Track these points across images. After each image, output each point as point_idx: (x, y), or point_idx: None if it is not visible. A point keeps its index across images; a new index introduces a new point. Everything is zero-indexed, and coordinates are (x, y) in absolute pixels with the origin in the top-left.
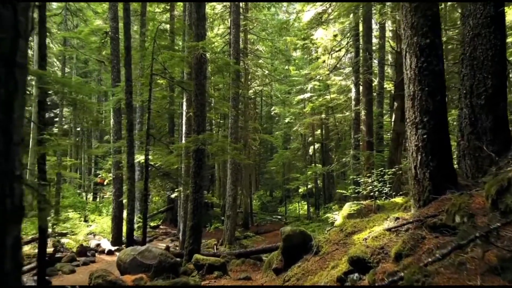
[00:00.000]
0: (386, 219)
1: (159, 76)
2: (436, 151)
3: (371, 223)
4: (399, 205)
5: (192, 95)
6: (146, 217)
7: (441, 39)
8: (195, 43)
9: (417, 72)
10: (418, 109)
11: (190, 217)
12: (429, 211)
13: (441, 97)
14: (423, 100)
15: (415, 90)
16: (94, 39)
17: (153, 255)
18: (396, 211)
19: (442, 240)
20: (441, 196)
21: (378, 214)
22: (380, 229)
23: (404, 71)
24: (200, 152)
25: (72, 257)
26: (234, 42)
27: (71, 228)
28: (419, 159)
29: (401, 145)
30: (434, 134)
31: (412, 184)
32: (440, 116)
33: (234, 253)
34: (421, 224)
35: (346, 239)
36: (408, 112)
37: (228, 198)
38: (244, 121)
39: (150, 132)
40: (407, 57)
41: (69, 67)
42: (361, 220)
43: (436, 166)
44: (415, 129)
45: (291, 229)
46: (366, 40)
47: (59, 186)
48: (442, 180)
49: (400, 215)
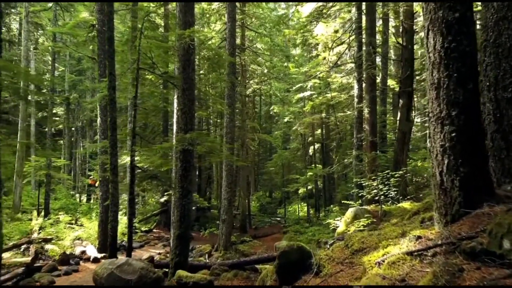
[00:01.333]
0: (402, 235)
1: (147, 71)
2: (467, 152)
3: (382, 238)
4: (408, 212)
5: (179, 90)
6: (131, 223)
7: (473, 11)
8: (181, 31)
9: (443, 54)
10: (445, 100)
11: (176, 225)
12: (462, 230)
13: (473, 86)
14: (451, 89)
15: (440, 77)
16: (82, 33)
17: (133, 269)
18: (410, 224)
19: (488, 273)
20: (475, 210)
21: (389, 226)
22: (398, 252)
23: (426, 54)
24: (188, 153)
25: (53, 266)
26: (230, 37)
27: (56, 233)
28: (446, 163)
29: (406, 145)
30: (465, 132)
31: (437, 194)
32: (472, 109)
33: (227, 264)
34: (453, 249)
35: (352, 258)
36: (432, 105)
37: (223, 201)
38: (242, 120)
39: (136, 131)
40: (430, 36)
41: (62, 65)
42: (369, 234)
43: (468, 172)
44: (441, 126)
45: (287, 244)
46: (369, 33)
47: (48, 188)
48: (476, 189)
49: (422, 233)
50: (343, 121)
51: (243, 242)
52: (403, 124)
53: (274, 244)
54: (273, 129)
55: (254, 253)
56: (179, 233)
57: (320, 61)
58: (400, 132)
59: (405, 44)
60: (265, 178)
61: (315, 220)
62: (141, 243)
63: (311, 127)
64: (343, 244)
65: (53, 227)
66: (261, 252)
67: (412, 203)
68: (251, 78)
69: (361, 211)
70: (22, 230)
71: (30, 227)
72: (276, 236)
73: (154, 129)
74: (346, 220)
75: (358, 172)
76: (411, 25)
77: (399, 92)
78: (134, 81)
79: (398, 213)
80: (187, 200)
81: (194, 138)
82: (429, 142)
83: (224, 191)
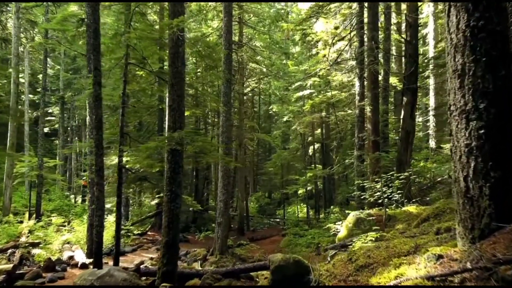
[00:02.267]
0: (415, 249)
1: (137, 67)
2: (499, 153)
3: (391, 252)
4: (414, 217)
5: (167, 85)
6: (119, 228)
7: None
8: (169, 21)
9: (468, 35)
10: (471, 90)
11: (164, 231)
12: (497, 251)
13: (505, 72)
14: (478, 76)
15: (465, 63)
16: (71, 27)
17: (115, 280)
18: (421, 233)
19: None
20: (511, 224)
21: (398, 236)
22: (415, 275)
23: (447, 35)
24: (177, 153)
25: (38, 273)
26: (226, 32)
27: (45, 237)
28: (473, 166)
29: (410, 145)
30: (496, 128)
31: (461, 203)
32: (505, 101)
33: (220, 272)
34: (488, 275)
35: (357, 275)
36: (454, 96)
37: (219, 203)
38: (240, 119)
39: (125, 130)
40: (451, 13)
41: (57, 64)
42: (376, 246)
43: (500, 177)
44: (466, 121)
45: (282, 257)
46: (371, 27)
47: (40, 189)
48: (510, 198)
49: (442, 250)
50: (343, 120)
51: (240, 245)
52: (407, 122)
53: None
54: (272, 129)
55: (251, 257)
56: (167, 241)
57: (320, 58)
58: (403, 131)
59: (409, 39)
60: (264, 179)
61: (315, 223)
62: (134, 247)
63: (310, 127)
64: (346, 257)
65: (43, 230)
66: (259, 256)
67: (418, 207)
68: (249, 76)
69: (364, 215)
70: (11, 233)
71: (19, 230)
72: (274, 238)
73: (149, 129)
74: (348, 225)
75: (359, 173)
76: (416, 18)
77: (402, 89)
78: (123, 77)
79: (403, 218)
80: (175, 205)
81: (183, 137)
82: (451, 141)
83: (220, 192)
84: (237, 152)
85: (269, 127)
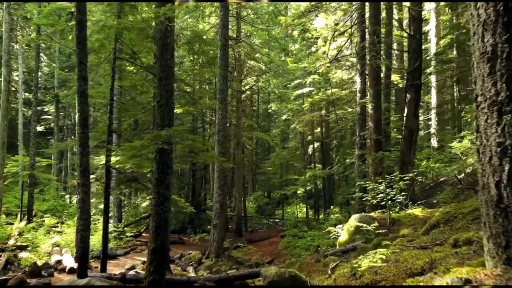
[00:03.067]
0: (430, 266)
1: (127, 61)
2: None
3: (402, 268)
4: (420, 221)
5: (156, 79)
6: (107, 231)
7: None
8: (156, 9)
9: (501, 8)
10: (504, 76)
11: (152, 237)
12: None
13: None
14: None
15: (496, 43)
16: (60, 22)
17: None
18: (432, 242)
19: None
20: None
21: (407, 248)
22: None
23: (472, 11)
24: (165, 153)
25: (22, 279)
26: (222, 26)
27: (33, 239)
28: (507, 170)
29: (414, 144)
30: None
31: (491, 215)
32: None
33: (213, 279)
34: None
35: None
36: (482, 84)
37: (215, 204)
38: (238, 118)
39: (113, 128)
40: None
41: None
42: (384, 260)
43: None
44: (497, 115)
45: (276, 272)
46: (373, 21)
47: (32, 190)
48: None
49: (470, 274)
50: (344, 118)
51: (237, 247)
52: (410, 120)
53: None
54: (271, 128)
55: (249, 260)
56: (154, 247)
57: (319, 55)
58: (407, 129)
59: (413, 33)
60: (263, 178)
61: (314, 223)
62: (127, 250)
63: (310, 125)
64: (349, 271)
65: (33, 232)
66: (256, 259)
67: (423, 210)
68: (248, 74)
69: (366, 218)
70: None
71: (8, 232)
72: (273, 240)
73: (145, 127)
74: (349, 228)
75: (360, 173)
76: (420, 12)
77: (406, 86)
78: (111, 72)
79: (408, 222)
80: (163, 208)
81: (172, 135)
82: (477, 138)
83: (216, 193)
84: (235, 151)
85: (268, 126)
